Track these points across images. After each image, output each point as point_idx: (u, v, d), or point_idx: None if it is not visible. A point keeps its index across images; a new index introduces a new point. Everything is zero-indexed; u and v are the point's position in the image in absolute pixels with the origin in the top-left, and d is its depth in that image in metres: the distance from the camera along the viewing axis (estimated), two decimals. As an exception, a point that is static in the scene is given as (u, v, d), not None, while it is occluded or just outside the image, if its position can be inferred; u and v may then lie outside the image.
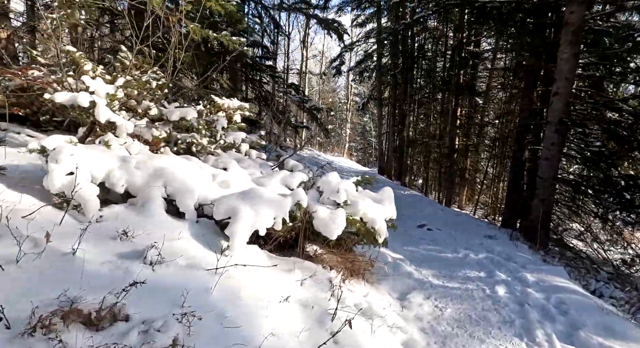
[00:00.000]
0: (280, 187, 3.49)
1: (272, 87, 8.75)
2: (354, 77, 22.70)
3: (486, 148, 16.83)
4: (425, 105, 17.54)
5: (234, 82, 8.24)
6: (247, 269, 2.33)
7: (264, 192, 2.81)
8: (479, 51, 13.86)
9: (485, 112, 17.21)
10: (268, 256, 2.74)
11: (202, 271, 2.08)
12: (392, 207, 3.35)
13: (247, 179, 3.40)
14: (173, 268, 2.00)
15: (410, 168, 18.01)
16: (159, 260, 1.96)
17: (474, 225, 7.85)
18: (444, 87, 15.00)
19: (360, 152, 46.75)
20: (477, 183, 17.83)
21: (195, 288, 1.88)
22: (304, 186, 3.72)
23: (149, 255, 1.93)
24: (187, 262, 2.13)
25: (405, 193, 11.40)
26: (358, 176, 3.68)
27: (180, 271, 2.00)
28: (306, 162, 10.97)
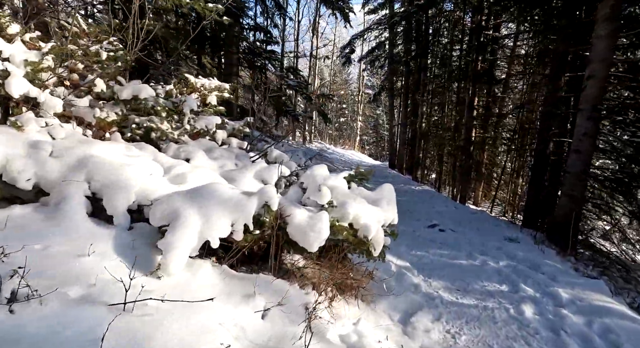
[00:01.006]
0: (254, 183, 2.82)
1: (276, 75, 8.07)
2: (365, 67, 21.81)
3: (504, 141, 15.84)
4: (439, 95, 16.59)
5: (229, 67, 7.59)
6: (180, 298, 1.66)
7: (220, 190, 2.13)
8: (499, 36, 12.83)
9: (504, 102, 16.18)
10: (224, 275, 2.08)
11: (101, 308, 1.42)
12: (393, 209, 2.65)
13: (213, 173, 2.73)
14: (53, 306, 1.35)
15: (422, 161, 17.13)
16: (28, 294, 1.31)
17: (491, 224, 7.06)
18: (460, 75, 14.04)
19: (372, 145, 45.83)
20: (495, 178, 16.85)
21: (74, 341, 1.23)
22: (285, 181, 3.04)
23: (8, 287, 1.28)
24: (83, 293, 1.48)
25: (417, 189, 10.62)
26: (351, 171, 2.97)
27: (63, 310, 1.34)
28: (299, 153, 10.31)
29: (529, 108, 12.35)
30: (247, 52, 7.91)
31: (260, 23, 14.59)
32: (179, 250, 1.79)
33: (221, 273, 2.05)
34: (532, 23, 11.58)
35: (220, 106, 3.88)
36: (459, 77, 13.96)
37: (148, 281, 1.72)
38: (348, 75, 46.75)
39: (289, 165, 3.15)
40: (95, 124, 2.70)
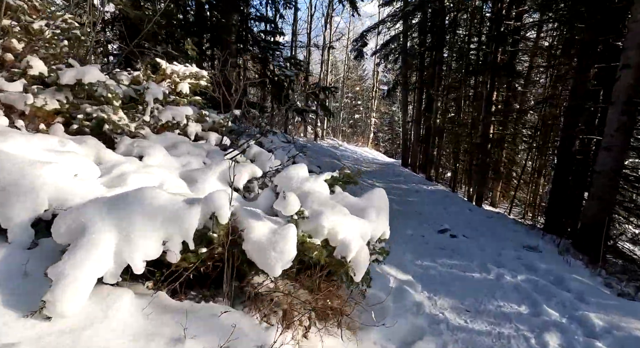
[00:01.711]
0: (218, 185, 2.34)
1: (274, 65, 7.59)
2: (379, 61, 21.12)
3: (525, 138, 14.99)
4: (455, 90, 15.80)
5: (228, 57, 7.14)
6: None
7: (153, 196, 1.66)
8: (521, 25, 12.00)
9: (525, 97, 15.30)
10: (152, 308, 1.61)
11: None
12: (383, 220, 2.13)
13: (168, 174, 2.27)
14: None
15: (437, 159, 16.40)
16: None
17: (509, 230, 6.42)
18: (478, 68, 13.27)
19: (388, 143, 45.02)
20: (514, 177, 16.00)
21: None
22: (260, 184, 2.56)
23: None
24: None
25: (429, 188, 10.00)
26: (334, 172, 2.46)
27: None
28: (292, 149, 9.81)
29: (553, 103, 11.51)
30: (247, 42, 7.45)
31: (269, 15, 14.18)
32: (76, 280, 1.33)
33: (148, 305, 1.58)
34: (557, 11, 10.77)
35: (199, 95, 3.43)
36: (477, 71, 13.19)
37: (32, 324, 1.26)
38: (363, 71, 45.97)
39: (264, 165, 2.67)
40: (29, 113, 2.29)
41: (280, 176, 2.30)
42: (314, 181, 2.22)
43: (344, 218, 1.92)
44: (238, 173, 2.35)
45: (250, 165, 2.37)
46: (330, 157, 10.90)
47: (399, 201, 8.06)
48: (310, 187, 2.16)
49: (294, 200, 1.78)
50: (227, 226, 1.75)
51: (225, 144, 3.26)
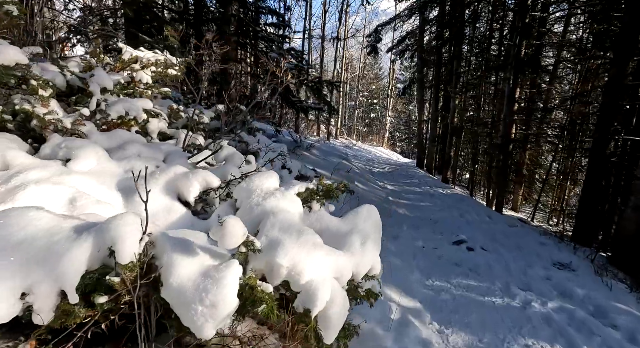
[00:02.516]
0: (164, 199, 1.81)
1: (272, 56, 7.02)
2: (394, 58, 20.36)
3: (549, 138, 14.03)
4: (474, 87, 14.95)
5: (226, 52, 6.65)
6: None
7: (25, 222, 1.13)
8: (547, 16, 11.12)
9: (550, 94, 14.32)
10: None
11: None
12: (371, 252, 1.55)
13: (99, 184, 1.75)
14: None
15: (454, 160, 15.58)
16: None
17: (535, 241, 5.69)
18: (500, 63, 12.42)
19: (404, 142, 44.16)
20: (537, 180, 15.04)
21: None
22: (221, 195, 2.01)
23: None
24: None
25: (445, 192, 9.28)
26: (311, 183, 1.89)
27: None
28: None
29: (583, 100, 10.60)
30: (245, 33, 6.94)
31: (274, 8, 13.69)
32: None
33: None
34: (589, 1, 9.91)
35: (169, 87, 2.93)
36: (499, 66, 12.34)
37: None
38: (379, 69, 45.19)
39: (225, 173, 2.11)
40: None
41: (240, 188, 1.75)
42: (282, 196, 1.65)
43: (313, 250, 1.35)
44: (186, 181, 1.80)
45: (202, 172, 1.82)
46: (340, 157, 10.29)
47: (411, 207, 7.41)
48: (274, 204, 1.60)
49: (235, 228, 1.22)
50: (136, 266, 1.20)
51: (198, 145, 2.73)
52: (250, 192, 1.72)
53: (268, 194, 1.68)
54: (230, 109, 3.70)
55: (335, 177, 7.08)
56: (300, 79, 6.46)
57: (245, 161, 2.85)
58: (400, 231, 5.43)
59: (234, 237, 1.21)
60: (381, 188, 9.15)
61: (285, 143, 9.27)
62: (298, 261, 1.30)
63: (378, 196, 7.86)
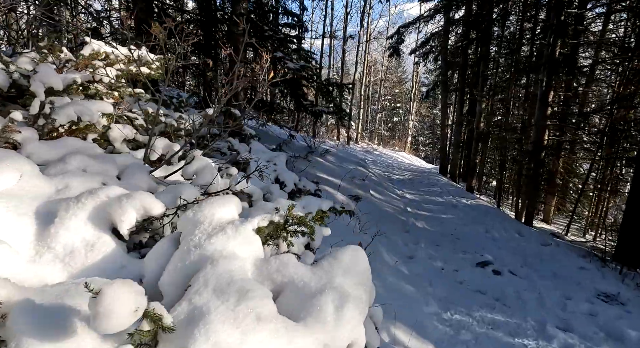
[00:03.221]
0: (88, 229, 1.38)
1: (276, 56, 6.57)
2: (417, 60, 19.67)
3: (586, 145, 13.01)
4: (503, 90, 14.10)
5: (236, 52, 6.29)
6: None
7: None
8: (585, 11, 10.24)
9: (587, 98, 13.28)
10: None
11: None
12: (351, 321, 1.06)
13: (5, 210, 1.35)
14: None
15: (480, 168, 14.73)
16: None
17: (573, 264, 4.98)
18: (532, 64, 11.60)
19: (428, 147, 43.20)
20: (572, 189, 13.98)
21: None
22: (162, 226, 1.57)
23: None
24: None
25: (469, 203, 8.59)
26: (276, 214, 1.42)
27: None
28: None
29: (625, 104, 9.64)
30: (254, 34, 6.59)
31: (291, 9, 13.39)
32: None
33: None
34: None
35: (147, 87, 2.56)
36: (530, 67, 11.52)
37: None
38: (403, 73, 44.46)
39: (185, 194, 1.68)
40: None
41: (185, 219, 1.31)
42: (234, 232, 1.20)
43: (253, 328, 0.89)
44: (118, 208, 1.38)
45: (141, 196, 1.40)
46: (356, 164, 9.77)
47: (431, 219, 6.81)
48: (220, 246, 1.15)
49: (117, 303, 0.77)
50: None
51: (160, 156, 2.32)
52: (196, 224, 1.28)
53: (217, 229, 1.23)
54: (221, 113, 3.29)
55: (347, 185, 6.59)
56: (309, 82, 6.02)
57: (226, 175, 2.43)
58: (417, 249, 4.87)
59: (116, 318, 0.77)
60: (399, 198, 8.56)
61: (298, 149, 8.88)
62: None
63: (395, 206, 7.30)
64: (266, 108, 7.43)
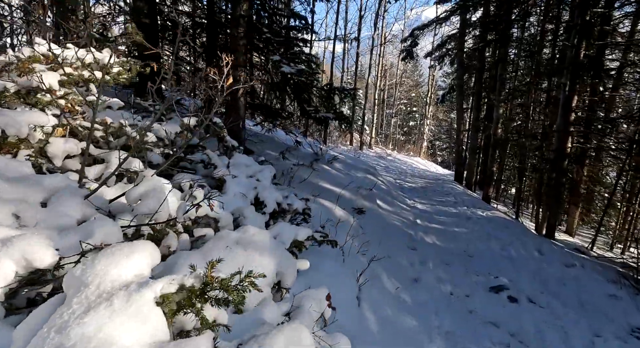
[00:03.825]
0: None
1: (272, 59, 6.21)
2: (433, 63, 19.10)
3: (613, 152, 12.20)
4: (522, 94, 13.44)
5: (235, 55, 6.03)
6: None
7: None
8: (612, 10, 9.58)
9: (614, 102, 12.50)
10: None
11: None
12: None
13: None
14: None
15: (498, 175, 14.07)
16: None
17: (602, 292, 4.43)
18: (554, 67, 10.96)
19: (445, 152, 42.39)
20: (597, 198, 13.17)
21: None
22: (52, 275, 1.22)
23: None
24: None
25: (485, 215, 8.05)
26: (186, 278, 1.04)
27: None
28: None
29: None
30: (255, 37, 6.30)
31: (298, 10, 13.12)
32: None
33: None
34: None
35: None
36: (552, 70, 10.88)
37: None
38: (420, 76, 43.85)
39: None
40: None
41: (70, 278, 0.97)
42: (124, 305, 0.85)
43: None
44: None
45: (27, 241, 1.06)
46: (365, 172, 9.34)
47: (442, 234, 6.33)
48: (95, 327, 0.80)
49: None
50: None
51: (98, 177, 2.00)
52: (79, 288, 0.93)
53: (102, 298, 0.88)
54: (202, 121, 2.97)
55: (351, 196, 6.18)
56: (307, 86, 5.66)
57: (190, 196, 2.09)
58: (423, 270, 4.43)
59: None
60: (409, 208, 8.10)
61: (304, 156, 8.53)
62: None
63: (403, 218, 6.84)
64: (270, 113, 7.12)
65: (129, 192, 1.72)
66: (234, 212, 2.23)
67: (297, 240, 1.96)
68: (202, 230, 1.97)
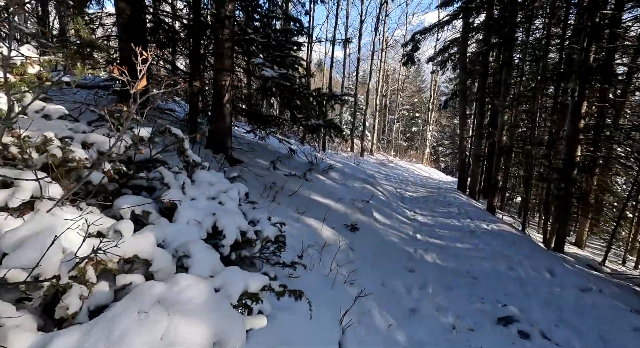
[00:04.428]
0: None
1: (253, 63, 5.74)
2: (435, 69, 18.68)
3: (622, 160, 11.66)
4: (528, 100, 12.98)
5: (219, 59, 5.65)
6: None
7: None
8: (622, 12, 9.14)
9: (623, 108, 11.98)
10: None
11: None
12: None
13: None
14: None
15: (503, 183, 13.54)
16: None
17: (624, 323, 3.92)
18: (561, 72, 10.51)
19: (449, 157, 41.93)
20: (606, 208, 12.60)
21: None
22: None
23: None
24: None
25: (490, 229, 7.55)
26: None
27: None
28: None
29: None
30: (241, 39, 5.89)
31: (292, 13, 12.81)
32: None
33: None
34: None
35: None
36: (559, 75, 10.41)
37: None
38: (422, 82, 43.53)
39: None
40: None
41: None
42: None
43: None
44: None
45: None
46: (363, 181, 8.87)
47: (444, 251, 5.84)
48: None
49: None
50: None
51: None
52: None
53: None
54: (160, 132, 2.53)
55: (345, 210, 5.72)
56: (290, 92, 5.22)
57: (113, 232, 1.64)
58: (422, 297, 3.94)
59: None
60: (409, 221, 7.61)
61: (298, 165, 8.08)
62: None
63: (402, 234, 6.37)
64: (261, 120, 6.69)
65: (5, 235, 1.27)
66: (177, 249, 1.78)
67: (248, 292, 1.51)
68: (126, 277, 1.52)
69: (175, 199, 2.15)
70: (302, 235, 3.39)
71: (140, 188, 2.48)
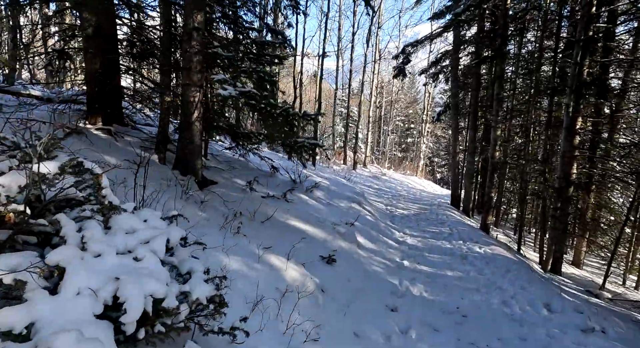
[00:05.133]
0: None
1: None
2: (427, 81, 18.42)
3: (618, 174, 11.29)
4: (521, 114, 12.68)
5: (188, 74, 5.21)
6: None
7: None
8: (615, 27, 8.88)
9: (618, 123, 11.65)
10: None
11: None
12: None
13: None
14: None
15: (497, 200, 13.12)
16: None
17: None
18: (555, 85, 10.20)
19: (444, 168, 41.63)
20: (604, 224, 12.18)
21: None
22: None
23: None
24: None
25: (483, 252, 7.08)
26: None
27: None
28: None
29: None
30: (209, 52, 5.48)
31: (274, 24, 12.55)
32: None
33: None
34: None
35: None
36: (553, 89, 10.10)
37: None
38: (417, 93, 43.53)
39: None
40: None
41: None
42: None
43: None
44: None
45: None
46: (350, 200, 8.39)
47: (433, 281, 5.35)
48: None
49: None
50: None
51: None
52: None
53: None
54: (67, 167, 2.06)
55: (324, 236, 5.22)
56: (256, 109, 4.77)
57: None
58: (404, 345, 3.43)
59: None
60: (397, 244, 7.13)
61: (280, 184, 7.61)
62: None
63: (387, 261, 5.87)
64: (236, 136, 6.24)
65: None
66: (38, 344, 1.29)
67: None
68: None
69: (67, 259, 1.66)
70: (259, 279, 2.90)
71: (47, 237, 2.00)
